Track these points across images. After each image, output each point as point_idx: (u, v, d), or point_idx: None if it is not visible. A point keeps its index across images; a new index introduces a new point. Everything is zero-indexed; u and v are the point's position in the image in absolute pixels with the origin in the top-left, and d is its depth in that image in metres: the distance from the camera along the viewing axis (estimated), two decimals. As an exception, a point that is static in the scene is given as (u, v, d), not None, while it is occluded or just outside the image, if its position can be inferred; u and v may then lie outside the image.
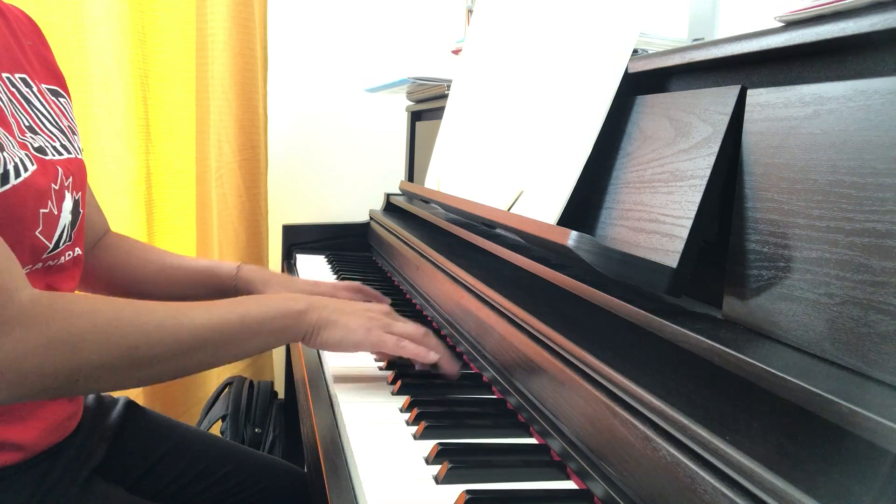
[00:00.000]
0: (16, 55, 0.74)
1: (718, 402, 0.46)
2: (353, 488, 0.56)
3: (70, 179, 0.72)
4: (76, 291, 0.79)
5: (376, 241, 1.51)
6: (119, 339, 0.59)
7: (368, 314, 0.75)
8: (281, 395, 1.59)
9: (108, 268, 0.93)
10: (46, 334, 0.55)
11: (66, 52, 1.40)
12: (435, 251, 1.02)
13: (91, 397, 0.87)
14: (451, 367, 0.76)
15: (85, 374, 0.57)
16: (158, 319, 0.62)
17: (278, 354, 1.83)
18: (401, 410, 0.70)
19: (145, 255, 0.97)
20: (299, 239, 1.56)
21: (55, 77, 0.82)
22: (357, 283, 1.03)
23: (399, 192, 1.51)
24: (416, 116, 1.64)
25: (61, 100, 0.80)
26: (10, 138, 0.65)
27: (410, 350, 0.74)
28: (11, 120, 0.68)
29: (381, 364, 0.84)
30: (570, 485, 0.57)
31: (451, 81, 1.19)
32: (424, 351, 0.74)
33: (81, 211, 0.76)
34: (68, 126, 0.78)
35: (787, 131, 0.49)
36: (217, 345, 0.65)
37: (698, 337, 0.48)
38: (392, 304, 1.07)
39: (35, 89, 0.75)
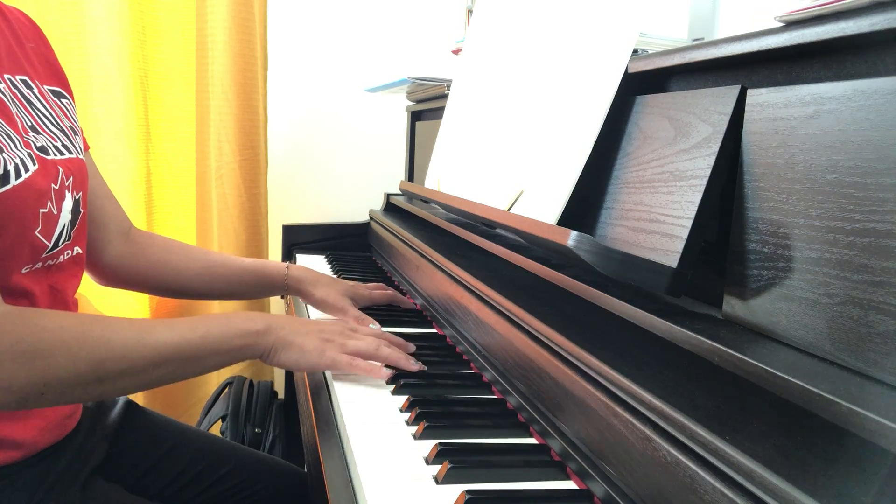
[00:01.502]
0: (17, 57, 0.75)
1: (718, 402, 0.46)
2: (353, 488, 0.56)
3: (71, 179, 0.72)
4: (77, 291, 0.79)
5: (376, 241, 1.51)
6: (86, 354, 0.60)
7: (323, 335, 0.76)
8: (281, 395, 1.59)
9: (148, 265, 0.94)
10: (15, 348, 0.57)
11: (66, 52, 1.40)
12: (435, 251, 1.02)
13: (91, 397, 0.88)
14: (408, 367, 0.78)
15: (52, 388, 0.59)
16: (124, 336, 0.63)
17: (278, 354, 1.83)
18: (401, 410, 0.70)
19: (186, 252, 0.99)
20: (299, 239, 1.56)
21: (58, 78, 0.82)
22: (391, 290, 1.08)
23: (399, 192, 1.51)
24: (416, 116, 1.64)
25: (63, 101, 0.80)
26: (15, 137, 0.66)
27: (362, 368, 0.76)
28: (16, 119, 0.68)
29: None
30: (570, 485, 0.57)
31: (451, 81, 1.19)
32: (377, 368, 0.76)
33: (82, 210, 0.76)
34: (70, 127, 0.78)
35: (787, 131, 0.49)
36: (179, 361, 0.67)
37: (698, 337, 0.48)
38: (392, 304, 1.08)
39: (36, 90, 0.75)
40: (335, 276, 1.13)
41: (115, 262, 0.92)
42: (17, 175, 0.63)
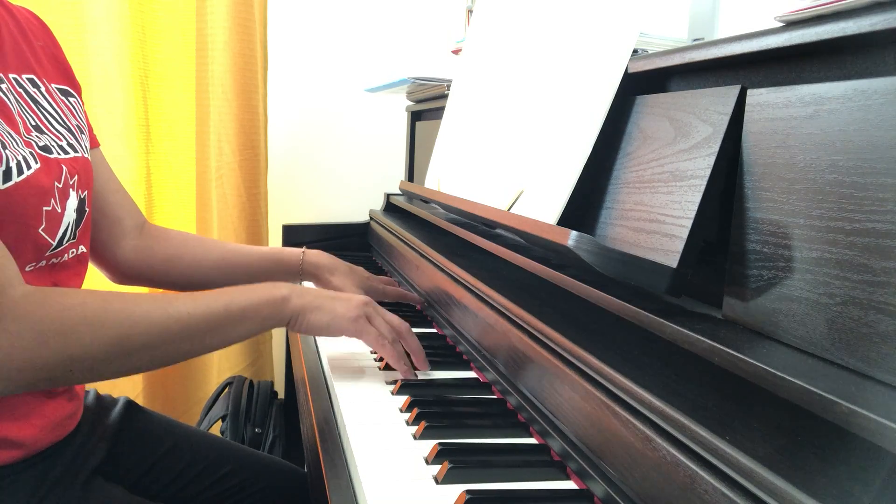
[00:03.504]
0: (25, 56, 0.75)
1: (718, 402, 0.46)
2: (353, 488, 0.56)
3: (75, 178, 0.72)
4: (81, 286, 0.79)
5: (376, 241, 1.51)
6: (109, 329, 0.61)
7: (353, 303, 0.78)
8: (281, 395, 1.59)
9: (165, 258, 0.94)
10: (39, 328, 0.57)
11: (66, 52, 1.39)
12: (435, 251, 1.02)
13: (91, 397, 0.88)
14: (422, 365, 0.80)
15: (79, 364, 0.60)
16: (146, 309, 0.64)
17: (278, 354, 1.83)
18: (401, 410, 0.70)
19: (202, 244, 0.99)
20: (299, 239, 1.56)
21: (66, 77, 0.83)
22: (400, 288, 1.10)
23: (399, 192, 1.51)
24: (416, 116, 1.64)
25: (71, 99, 0.81)
26: (16, 136, 0.66)
27: (387, 351, 0.77)
28: (18, 119, 0.68)
29: (381, 364, 0.84)
30: (570, 485, 0.57)
31: (451, 81, 1.19)
32: (396, 358, 0.77)
33: (87, 210, 0.76)
34: (76, 125, 0.78)
35: (787, 131, 0.49)
36: (203, 332, 0.67)
37: (698, 337, 0.48)
38: (392, 304, 1.08)
39: (43, 89, 0.75)
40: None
41: (131, 257, 0.92)
42: (20, 172, 0.63)
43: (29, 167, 0.64)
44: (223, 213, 1.58)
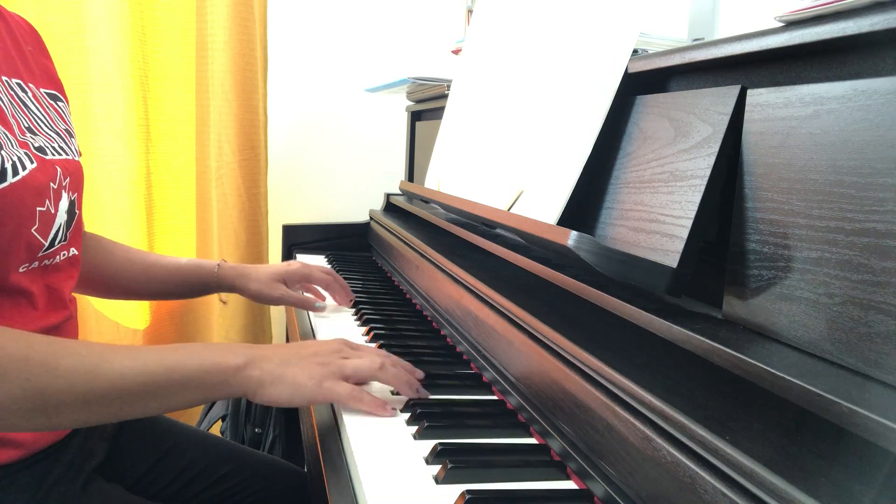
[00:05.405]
0: (14, 60, 0.75)
1: (718, 402, 0.46)
2: (353, 488, 0.56)
3: (68, 180, 0.73)
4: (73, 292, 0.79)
5: (376, 241, 1.51)
6: (24, 380, 0.53)
7: (318, 360, 0.68)
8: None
9: (90, 267, 0.94)
10: None
11: (66, 53, 1.40)
12: (435, 251, 1.02)
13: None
14: (410, 392, 0.71)
15: None
16: (73, 364, 0.56)
17: (278, 354, 1.83)
18: (400, 410, 0.70)
19: (127, 254, 0.99)
20: (299, 239, 1.56)
21: (53, 83, 0.83)
22: (328, 269, 1.08)
23: (399, 192, 1.51)
24: (416, 116, 1.64)
25: (59, 104, 0.81)
26: (11, 137, 0.66)
27: (366, 405, 0.67)
28: (12, 120, 0.68)
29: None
30: (570, 485, 0.57)
31: (451, 81, 1.20)
32: (381, 407, 0.68)
33: (77, 212, 0.76)
34: (65, 129, 0.79)
35: (787, 131, 0.49)
36: (136, 397, 0.59)
37: (698, 337, 0.48)
38: (392, 304, 1.08)
39: (30, 94, 0.75)
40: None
41: None
42: (15, 173, 0.63)
43: (24, 167, 0.64)
44: (223, 213, 1.58)
